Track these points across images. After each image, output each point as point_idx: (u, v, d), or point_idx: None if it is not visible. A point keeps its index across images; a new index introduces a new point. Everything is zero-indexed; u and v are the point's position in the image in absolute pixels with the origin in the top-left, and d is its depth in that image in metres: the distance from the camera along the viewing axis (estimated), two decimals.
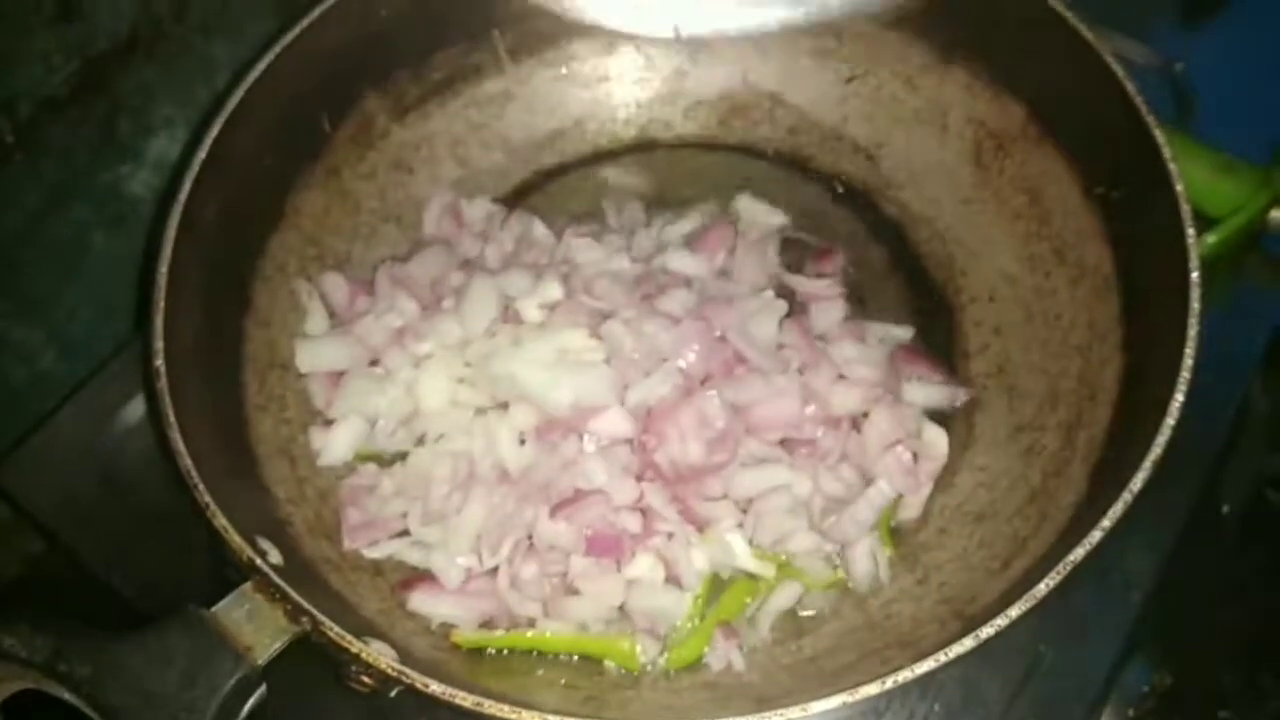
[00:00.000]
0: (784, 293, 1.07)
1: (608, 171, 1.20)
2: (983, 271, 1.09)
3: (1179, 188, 0.91)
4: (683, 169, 1.21)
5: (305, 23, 1.04)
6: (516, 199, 1.18)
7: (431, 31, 1.14)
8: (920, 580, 0.94)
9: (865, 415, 1.00)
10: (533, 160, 1.20)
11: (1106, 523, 0.77)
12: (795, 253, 1.13)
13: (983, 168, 1.11)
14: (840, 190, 1.17)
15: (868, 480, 0.97)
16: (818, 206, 1.17)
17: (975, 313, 1.08)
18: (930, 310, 1.10)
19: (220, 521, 0.78)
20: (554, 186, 1.20)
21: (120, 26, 1.10)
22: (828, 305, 1.07)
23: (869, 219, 1.16)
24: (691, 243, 1.11)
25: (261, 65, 1.01)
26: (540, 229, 1.12)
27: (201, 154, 0.96)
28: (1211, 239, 1.12)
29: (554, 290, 1.02)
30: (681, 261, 1.06)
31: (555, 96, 1.21)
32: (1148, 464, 0.79)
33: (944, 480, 0.99)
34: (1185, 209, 0.90)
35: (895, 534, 0.97)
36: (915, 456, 0.98)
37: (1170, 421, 0.81)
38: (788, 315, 1.04)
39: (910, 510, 0.98)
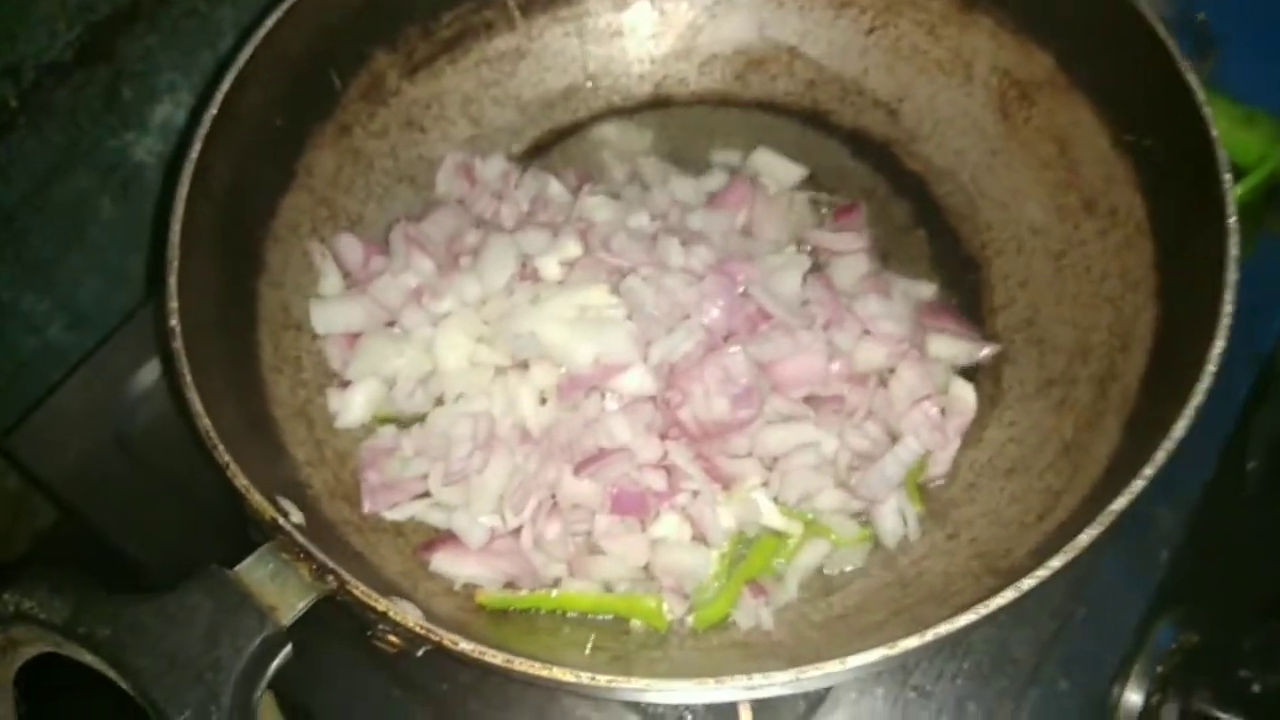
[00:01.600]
0: (805, 249, 1.05)
1: (623, 129, 1.18)
2: (1009, 224, 1.07)
3: (1214, 132, 0.89)
4: (699, 126, 1.18)
5: None
6: (530, 157, 1.16)
7: None
8: (951, 535, 0.92)
9: (891, 371, 0.98)
10: (546, 118, 1.18)
11: (1149, 470, 0.75)
12: (816, 209, 1.10)
13: (1008, 118, 1.09)
14: (861, 144, 1.15)
15: (895, 437, 0.95)
16: (838, 162, 1.15)
17: (1002, 266, 1.06)
18: (955, 264, 1.08)
19: (241, 481, 0.76)
20: (568, 145, 1.18)
21: None
22: (851, 260, 1.05)
23: (891, 173, 1.13)
24: (711, 200, 1.08)
25: (270, 23, 0.99)
26: (556, 187, 1.10)
27: (213, 110, 0.94)
28: (1237, 190, 1.10)
29: (573, 247, 1.00)
30: (702, 220, 1.04)
31: (568, 53, 1.19)
32: (1189, 409, 0.77)
33: (972, 436, 0.98)
34: (1221, 154, 0.88)
35: (924, 491, 0.95)
36: (943, 412, 0.96)
37: (1212, 368, 0.79)
38: (810, 271, 1.02)
39: (939, 466, 0.96)
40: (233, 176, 0.96)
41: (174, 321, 0.84)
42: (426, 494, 0.94)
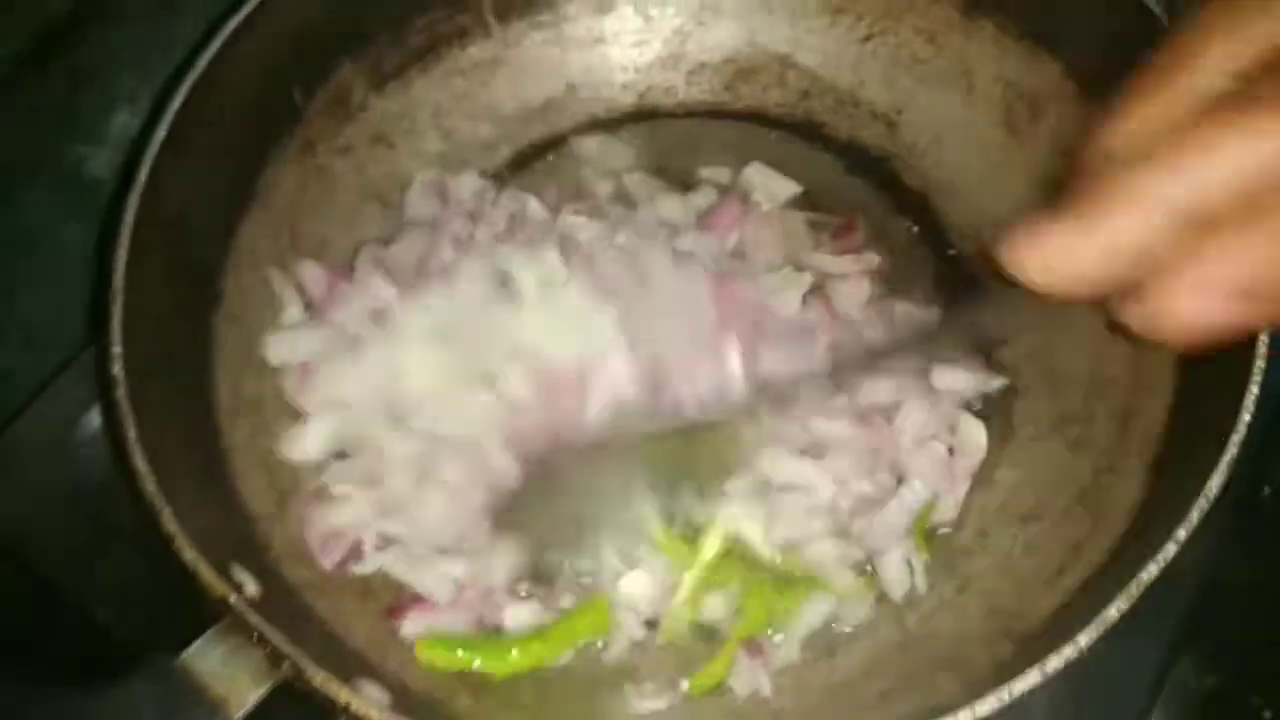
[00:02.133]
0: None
1: (605, 142, 1.11)
2: None
3: None
4: (687, 139, 1.11)
5: None
6: (507, 174, 1.08)
7: None
8: (960, 589, 0.86)
9: (896, 407, 0.92)
10: (523, 132, 1.10)
11: (1182, 532, 0.69)
12: (812, 229, 1.04)
13: (1014, 131, 1.03)
14: (858, 158, 1.09)
15: (899, 479, 0.89)
16: (833, 177, 1.08)
17: (1011, 295, 0.99)
18: (959, 287, 1.01)
19: (189, 555, 0.69)
20: (547, 160, 1.10)
21: None
22: (853, 284, 0.98)
23: (890, 190, 1.07)
24: (701, 220, 1.02)
25: (226, 32, 0.91)
26: (534, 205, 1.03)
27: (161, 132, 0.86)
28: None
29: (552, 259, 0.93)
30: (692, 242, 0.98)
31: (546, 61, 1.11)
32: (1223, 464, 0.71)
33: (982, 477, 0.92)
34: None
35: (931, 538, 0.89)
36: (951, 451, 0.91)
37: (1246, 417, 0.73)
38: (809, 293, 0.96)
39: (947, 510, 0.90)
40: (185, 201, 0.89)
41: (117, 369, 0.77)
42: (392, 541, 0.87)
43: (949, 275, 1.03)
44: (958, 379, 0.95)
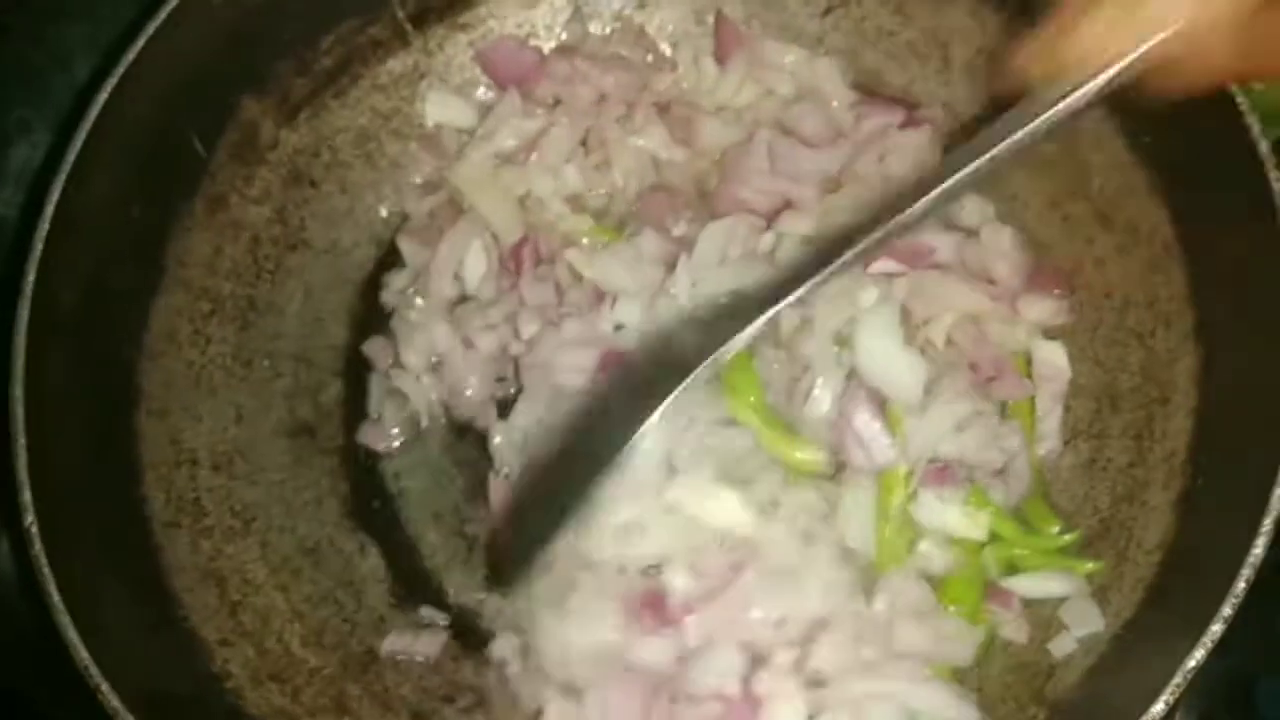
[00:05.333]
0: None
1: None
2: None
3: (1255, 131, 0.74)
4: None
5: (151, 28, 0.82)
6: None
7: (314, 10, 0.92)
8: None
9: None
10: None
11: (1228, 609, 0.63)
12: None
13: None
14: None
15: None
16: None
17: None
18: None
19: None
20: None
21: None
22: None
23: None
24: None
25: (106, 90, 0.81)
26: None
27: (45, 226, 0.77)
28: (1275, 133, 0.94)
29: None
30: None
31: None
32: (1267, 523, 0.64)
33: None
34: (1267, 156, 0.73)
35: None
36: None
37: None
38: None
39: (1049, 441, 0.85)
40: (85, 297, 0.80)
41: (31, 521, 0.69)
42: None
43: None
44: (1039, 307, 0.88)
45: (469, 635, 0.85)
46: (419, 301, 0.93)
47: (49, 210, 0.76)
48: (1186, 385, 0.79)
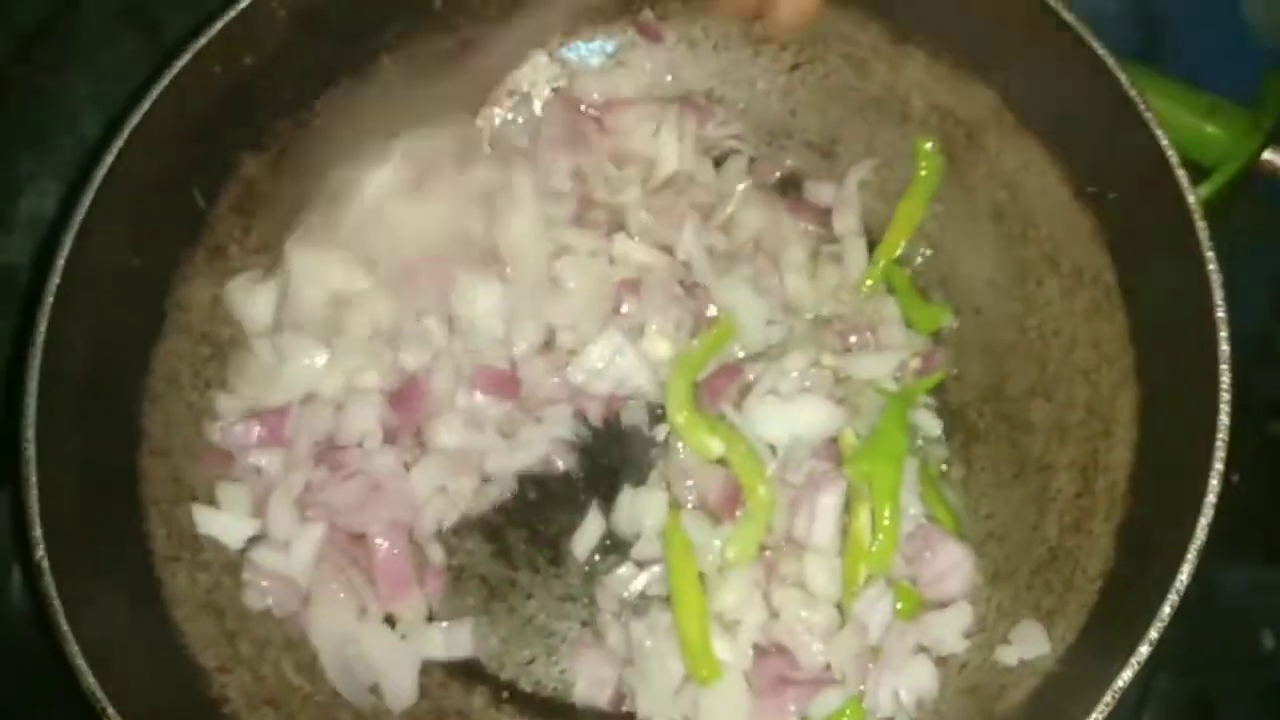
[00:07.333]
0: None
1: None
2: (963, 280, 0.98)
3: (1189, 198, 0.80)
4: None
5: (156, 90, 0.88)
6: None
7: (310, 70, 0.97)
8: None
9: None
10: None
11: (1154, 632, 0.67)
12: None
13: (953, 160, 0.99)
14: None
15: None
16: None
17: (961, 327, 0.97)
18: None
19: None
20: None
21: None
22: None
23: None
24: None
25: (113, 151, 0.86)
26: None
27: (55, 279, 0.82)
28: (1203, 192, 1.01)
29: None
30: None
31: None
32: (1192, 552, 0.69)
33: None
34: (1197, 220, 0.79)
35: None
36: None
37: (1214, 483, 0.72)
38: None
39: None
40: (91, 343, 0.84)
41: (41, 554, 0.73)
42: None
43: None
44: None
45: (457, 661, 0.90)
46: None
47: (59, 263, 0.81)
48: (1127, 419, 0.84)
